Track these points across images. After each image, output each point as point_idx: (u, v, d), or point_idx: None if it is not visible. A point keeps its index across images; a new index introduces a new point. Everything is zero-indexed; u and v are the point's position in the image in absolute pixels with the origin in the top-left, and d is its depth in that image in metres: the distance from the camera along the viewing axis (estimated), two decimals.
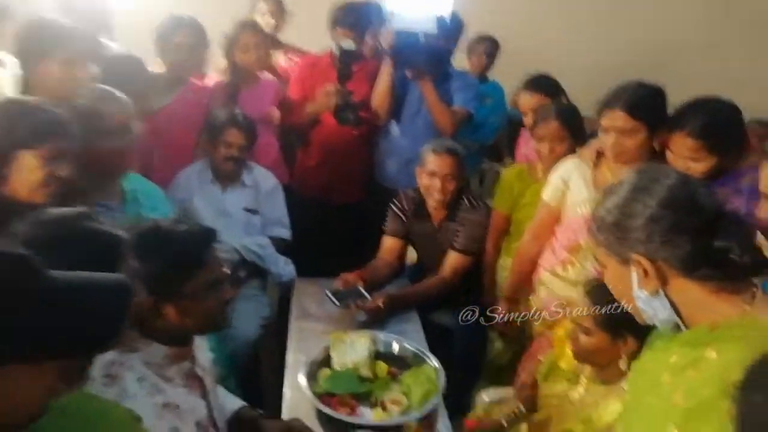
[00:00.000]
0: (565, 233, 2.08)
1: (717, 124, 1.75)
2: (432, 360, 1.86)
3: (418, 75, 2.63)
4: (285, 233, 2.65)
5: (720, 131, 1.75)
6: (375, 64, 2.80)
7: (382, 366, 1.84)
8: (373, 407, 1.70)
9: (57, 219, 1.00)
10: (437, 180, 2.35)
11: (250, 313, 2.34)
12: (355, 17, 2.71)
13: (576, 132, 2.32)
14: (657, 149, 1.88)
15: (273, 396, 2.27)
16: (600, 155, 2.03)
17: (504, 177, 2.64)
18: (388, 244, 2.52)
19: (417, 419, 1.62)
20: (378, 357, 1.89)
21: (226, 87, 2.70)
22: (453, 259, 2.40)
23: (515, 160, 3.15)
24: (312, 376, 1.77)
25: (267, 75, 2.90)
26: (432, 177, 2.37)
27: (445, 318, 2.59)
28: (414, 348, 1.92)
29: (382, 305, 2.09)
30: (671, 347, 0.99)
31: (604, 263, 1.06)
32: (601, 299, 1.46)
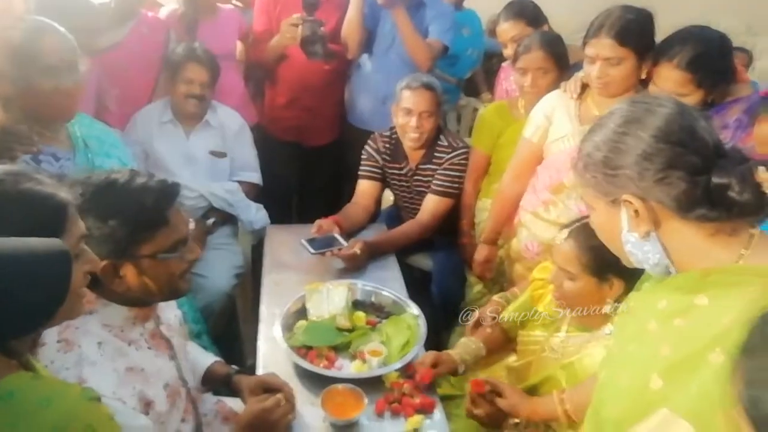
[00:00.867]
0: (548, 171, 2.00)
1: (707, 56, 1.66)
2: (412, 307, 1.81)
3: (389, 3, 2.44)
4: (255, 177, 2.52)
5: (710, 64, 1.66)
6: None
7: (360, 316, 1.79)
8: (353, 359, 1.65)
9: None
10: (414, 118, 2.23)
11: (222, 264, 2.25)
12: None
13: (560, 63, 2.21)
14: (644, 79, 1.79)
15: (250, 348, 2.23)
16: (585, 88, 1.93)
17: (483, 114, 2.52)
18: (363, 187, 2.42)
19: (396, 370, 1.58)
20: (356, 306, 1.83)
21: (182, 19, 2.47)
22: (432, 203, 2.32)
23: (494, 96, 3.03)
24: (288, 328, 1.71)
25: (229, 6, 2.68)
26: (408, 115, 2.24)
27: (424, 261, 2.55)
28: (393, 296, 1.86)
29: (359, 251, 2.01)
30: (660, 291, 0.94)
31: (590, 204, 0.98)
32: (586, 241, 1.40)
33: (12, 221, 0.73)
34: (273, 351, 1.65)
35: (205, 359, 1.53)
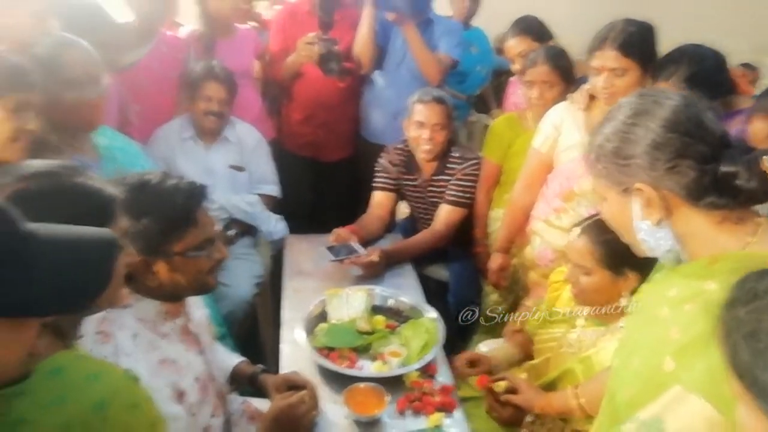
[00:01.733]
0: (558, 180, 2.04)
1: (702, 72, 1.72)
2: (430, 311, 1.85)
3: (400, 19, 2.53)
4: (274, 190, 2.59)
5: (705, 80, 1.71)
6: (357, 12, 2.69)
7: (379, 319, 1.82)
8: (373, 360, 1.68)
9: (44, 172, 0.93)
10: (426, 130, 2.29)
11: (243, 273, 2.30)
12: None
13: (566, 76, 2.27)
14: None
15: (271, 354, 2.26)
16: (592, 99, 1.99)
17: (494, 126, 2.58)
18: (378, 198, 2.47)
19: (417, 370, 1.61)
20: (375, 311, 1.87)
21: (200, 38, 2.57)
22: (446, 213, 2.37)
23: (503, 110, 3.10)
24: (309, 331, 1.74)
25: (246, 26, 2.78)
26: (420, 128, 2.31)
27: (440, 272, 2.59)
28: (411, 301, 1.90)
29: (377, 259, 2.06)
30: (671, 280, 0.96)
31: (603, 195, 1.01)
32: (598, 236, 1.44)
33: (64, 210, 0.78)
34: (295, 353, 1.69)
35: (231, 359, 1.57)
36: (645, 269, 1.11)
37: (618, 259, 1.41)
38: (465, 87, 3.37)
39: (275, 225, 2.44)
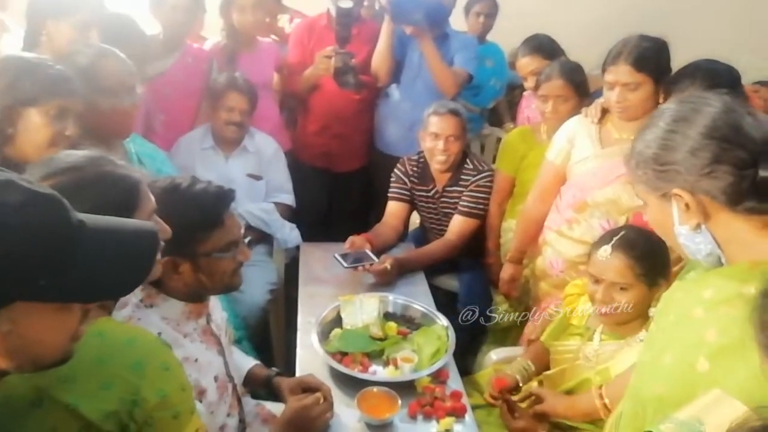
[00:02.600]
0: (571, 191, 2.07)
1: (716, 88, 1.71)
2: (441, 319, 1.88)
3: (417, 33, 2.59)
4: (289, 199, 2.64)
5: None
6: (374, 26, 2.76)
7: (392, 326, 1.86)
8: (386, 365, 1.71)
9: (77, 163, 1.00)
10: (440, 141, 2.34)
11: (257, 280, 2.34)
12: None
13: (580, 90, 2.31)
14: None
15: (282, 359, 2.30)
16: (605, 113, 2.02)
17: (507, 138, 2.63)
18: (392, 208, 2.52)
19: (428, 375, 1.64)
20: (387, 318, 1.91)
21: (224, 50, 2.65)
22: (458, 223, 2.41)
23: (516, 124, 3.14)
24: (324, 336, 1.79)
25: (268, 39, 2.85)
26: (435, 139, 2.36)
27: (450, 282, 2.62)
28: (423, 308, 1.94)
29: (389, 267, 2.10)
30: (706, 281, 0.96)
31: (644, 200, 1.03)
32: (634, 251, 1.46)
33: (94, 199, 0.84)
34: (310, 357, 1.72)
35: (247, 362, 1.61)
36: (670, 274, 1.12)
37: (655, 270, 1.44)
38: (479, 100, 3.42)
39: (289, 233, 2.49)
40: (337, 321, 1.86)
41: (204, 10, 2.59)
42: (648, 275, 1.45)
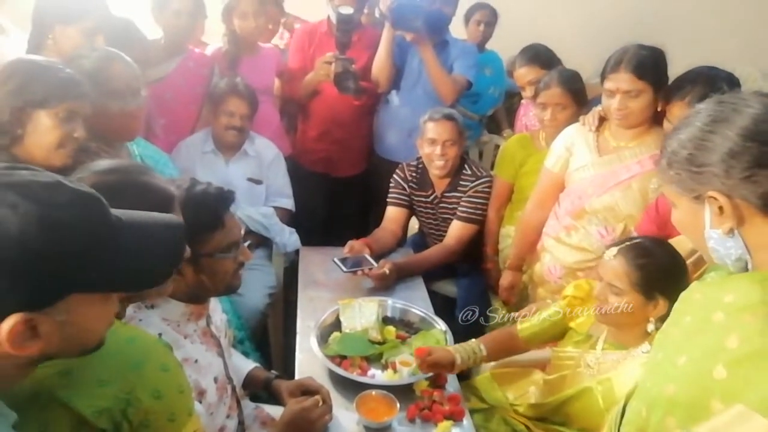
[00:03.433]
0: (569, 198, 2.09)
1: (716, 94, 1.75)
2: (439, 323, 1.89)
3: (417, 39, 2.61)
4: (288, 203, 2.65)
5: None
6: (374, 32, 2.78)
7: (390, 330, 1.87)
8: (384, 369, 1.72)
9: (119, 168, 1.05)
10: (438, 146, 2.36)
11: (257, 284, 2.35)
12: None
13: (578, 98, 2.33)
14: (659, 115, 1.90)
15: (281, 362, 2.30)
16: (602, 121, 2.05)
17: (506, 145, 2.65)
18: (391, 213, 2.53)
19: (427, 379, 1.65)
20: (386, 322, 1.92)
21: (225, 55, 2.66)
22: (457, 228, 2.42)
23: (515, 131, 3.16)
24: (323, 339, 1.79)
25: (269, 45, 2.87)
26: (433, 144, 2.38)
27: (448, 287, 2.63)
28: (421, 312, 1.95)
29: (388, 271, 2.11)
30: (728, 285, 0.93)
31: (673, 201, 0.99)
32: (635, 259, 1.45)
33: (133, 204, 0.85)
34: (309, 361, 1.73)
35: (246, 365, 1.62)
36: (675, 296, 1.12)
37: (652, 284, 1.43)
38: (478, 107, 3.44)
39: (289, 237, 2.50)
40: (336, 325, 1.87)
41: (205, 15, 2.60)
42: (643, 287, 1.44)
